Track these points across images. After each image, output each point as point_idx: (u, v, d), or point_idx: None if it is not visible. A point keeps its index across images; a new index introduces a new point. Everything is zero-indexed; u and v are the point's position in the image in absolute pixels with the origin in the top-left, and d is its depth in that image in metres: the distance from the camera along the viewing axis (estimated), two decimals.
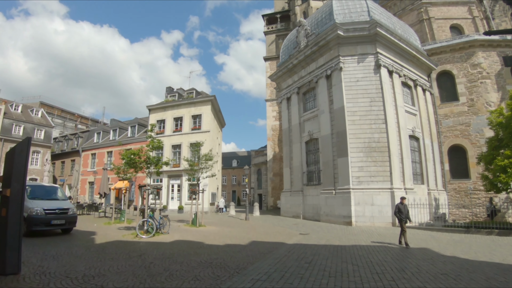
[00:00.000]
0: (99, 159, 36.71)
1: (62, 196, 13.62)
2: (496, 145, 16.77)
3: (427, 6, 32.32)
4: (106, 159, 35.52)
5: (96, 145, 38.24)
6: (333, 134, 19.77)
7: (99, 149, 37.66)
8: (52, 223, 11.57)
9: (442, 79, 25.39)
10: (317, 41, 21.25)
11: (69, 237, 11.56)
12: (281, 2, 45.10)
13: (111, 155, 35.61)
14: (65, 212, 12.18)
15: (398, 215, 10.99)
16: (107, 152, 36.56)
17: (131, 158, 15.95)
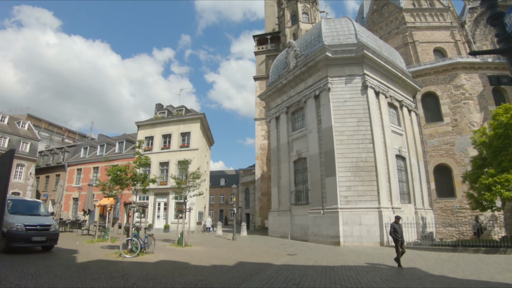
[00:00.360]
0: (85, 175, 35.93)
1: (44, 212, 13.16)
2: (480, 164, 17.16)
3: (412, 30, 33.57)
4: (92, 175, 34.80)
5: (83, 160, 37.51)
6: (321, 154, 19.90)
7: (85, 164, 36.91)
8: (32, 239, 11.12)
9: (426, 100, 26.11)
10: (306, 62, 21.69)
11: (49, 255, 11.13)
12: (272, 23, 46.21)
13: (97, 171, 34.89)
14: (47, 229, 11.73)
15: (394, 235, 10.58)
16: (93, 168, 35.83)
17: (117, 175, 15.68)
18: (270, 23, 46.54)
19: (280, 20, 43.42)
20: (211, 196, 60.00)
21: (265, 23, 47.17)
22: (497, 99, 24.40)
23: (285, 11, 41.07)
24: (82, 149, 38.97)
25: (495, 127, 15.92)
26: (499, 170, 15.24)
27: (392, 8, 36.29)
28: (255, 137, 38.66)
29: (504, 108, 16.06)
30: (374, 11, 38.90)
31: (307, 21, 39.32)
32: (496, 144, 15.78)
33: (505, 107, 16.15)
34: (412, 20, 34.50)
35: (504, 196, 14.50)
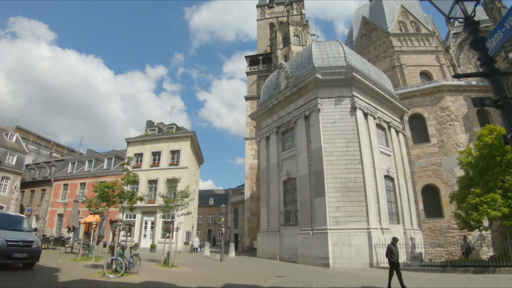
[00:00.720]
0: (71, 191, 35.17)
1: (27, 227, 12.72)
2: (467, 184, 17.45)
3: (399, 54, 34.67)
4: (78, 191, 34.11)
5: (70, 175, 36.78)
6: (310, 174, 19.96)
7: (72, 179, 36.18)
8: (13, 256, 10.67)
9: (414, 121, 26.69)
10: (296, 83, 22.07)
11: (30, 273, 10.75)
12: (264, 45, 47.18)
13: (84, 187, 34.26)
14: (29, 245, 11.29)
15: (390, 257, 10.31)
16: (80, 184, 35.17)
17: (104, 191, 15.40)
18: (262, 44, 47.51)
19: (272, 42, 44.40)
20: (199, 215, 59.16)
21: (258, 44, 48.13)
22: (482, 120, 25.16)
23: (277, 33, 42.07)
24: (70, 164, 38.32)
25: (480, 147, 16.31)
26: (486, 190, 15.50)
27: (380, 33, 37.54)
28: (245, 156, 38.66)
29: (488, 129, 16.53)
30: (362, 35, 40.17)
31: (298, 44, 40.29)
32: (482, 164, 16.12)
33: (489, 128, 16.63)
34: (399, 44, 35.68)
35: (491, 215, 14.67)
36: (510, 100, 3.55)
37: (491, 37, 3.79)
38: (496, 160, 15.30)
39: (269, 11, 50.53)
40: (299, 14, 47.72)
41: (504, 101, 3.56)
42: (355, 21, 43.59)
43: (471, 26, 3.90)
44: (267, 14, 50.31)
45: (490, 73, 3.72)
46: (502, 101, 3.57)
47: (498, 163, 15.26)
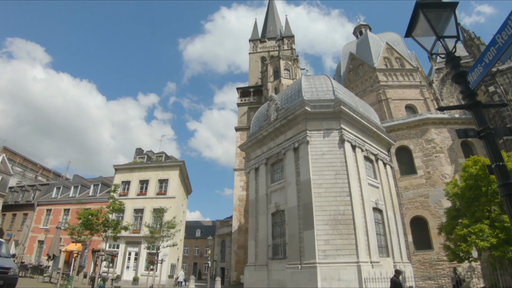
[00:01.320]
0: (54, 216, 34.19)
1: (5, 253, 12.17)
2: (454, 215, 17.68)
3: (385, 88, 36.02)
4: (62, 217, 33.22)
5: (54, 200, 35.85)
6: (299, 206, 19.90)
7: (56, 205, 35.26)
8: None
9: (400, 153, 27.34)
10: (286, 115, 22.60)
11: None
12: (255, 77, 48.50)
13: (68, 213, 33.42)
14: (5, 272, 10.78)
15: None
16: (64, 210, 34.29)
17: (88, 219, 15.19)
18: (254, 76, 48.85)
19: (263, 75, 45.74)
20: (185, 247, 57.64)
21: (249, 77, 49.44)
22: (466, 152, 25.96)
23: (268, 66, 43.47)
24: (55, 189, 37.49)
25: (466, 178, 16.70)
26: (473, 221, 15.73)
27: (367, 68, 39.15)
28: (234, 187, 38.25)
29: (473, 160, 17.04)
30: (350, 70, 41.80)
31: (288, 77, 41.57)
32: (468, 195, 16.44)
33: (474, 159, 17.15)
34: (385, 79, 37.15)
35: (479, 246, 14.79)
36: (493, 131, 3.69)
37: (472, 72, 4.00)
38: (482, 190, 15.66)
39: (261, 45, 52.43)
40: (289, 49, 49.60)
41: (487, 132, 3.70)
42: (343, 57, 45.46)
43: (452, 61, 4.09)
44: (259, 48, 52.14)
45: (472, 105, 3.88)
46: (485, 132, 3.71)
47: (484, 194, 15.61)
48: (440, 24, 4.02)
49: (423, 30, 4.18)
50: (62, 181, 44.02)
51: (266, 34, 55.01)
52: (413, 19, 4.22)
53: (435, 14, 4.03)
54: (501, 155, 3.57)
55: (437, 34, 3.99)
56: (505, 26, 3.29)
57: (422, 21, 4.09)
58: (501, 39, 3.37)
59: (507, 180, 3.37)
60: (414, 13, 4.16)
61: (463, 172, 17.46)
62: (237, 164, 39.16)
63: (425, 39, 4.28)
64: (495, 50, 3.50)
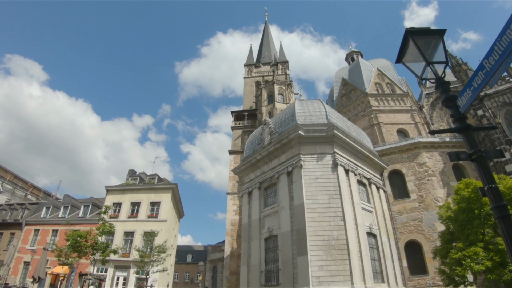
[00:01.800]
0: (42, 237, 33.15)
1: None
2: (448, 239, 17.61)
3: (377, 113, 36.71)
4: (49, 238, 32.23)
5: (43, 220, 34.90)
6: (293, 231, 19.64)
7: (44, 225, 34.32)
8: None
9: (393, 177, 27.50)
10: (280, 139, 22.73)
11: None
12: (250, 101, 49.21)
13: (56, 234, 32.55)
14: None
15: None
16: (52, 230, 33.38)
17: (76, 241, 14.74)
18: (248, 100, 49.52)
19: (257, 99, 46.41)
20: (175, 273, 55.87)
21: (244, 101, 50.12)
22: (457, 175, 26.27)
23: (263, 91, 44.21)
24: (44, 208, 36.59)
25: (459, 201, 16.81)
26: (467, 244, 15.68)
27: (359, 93, 40.04)
28: (227, 211, 37.71)
29: (464, 183, 17.20)
30: (342, 95, 42.69)
31: (282, 102, 42.24)
32: (462, 218, 16.48)
33: (466, 182, 17.33)
34: (377, 104, 37.94)
35: (474, 269, 14.64)
36: (484, 154, 3.78)
37: (461, 96, 4.16)
38: (475, 213, 15.72)
39: (255, 70, 53.59)
40: (283, 74, 50.79)
41: (478, 154, 3.79)
42: (336, 82, 46.54)
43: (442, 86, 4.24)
44: (253, 73, 53.27)
45: (462, 128, 3.99)
46: (476, 155, 3.80)
47: (477, 216, 15.66)
48: (429, 51, 4.20)
49: (413, 56, 4.35)
50: (52, 200, 43.08)
51: (261, 59, 56.37)
52: (403, 46, 4.39)
53: (424, 41, 4.22)
54: (493, 177, 3.63)
55: (426, 60, 4.16)
56: (492, 52, 3.45)
57: (412, 47, 4.27)
58: (488, 64, 3.53)
59: (500, 202, 3.41)
60: (404, 40, 4.34)
61: (455, 195, 17.60)
62: (230, 188, 38.83)
63: (415, 65, 4.45)
64: (483, 75, 3.66)
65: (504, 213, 3.34)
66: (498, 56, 3.32)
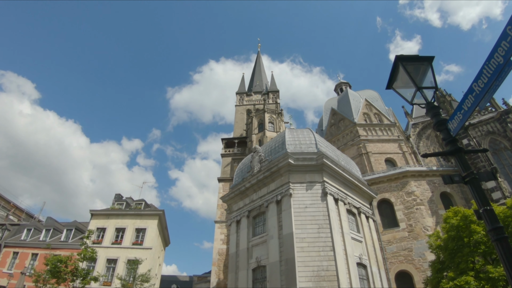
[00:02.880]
0: (21, 260, 31.44)
1: None
2: (439, 268, 17.40)
3: (365, 142, 37.27)
4: (28, 262, 30.62)
5: (23, 243, 33.25)
6: (281, 262, 19.18)
7: (24, 248, 32.66)
8: None
9: (382, 206, 27.49)
10: (269, 167, 22.70)
11: None
12: (240, 129, 49.62)
13: (36, 259, 30.99)
14: None
15: None
16: (32, 254, 31.77)
17: (56, 265, 13.93)
18: (239, 128, 49.88)
19: (248, 127, 46.81)
20: None
21: (234, 128, 50.49)
22: (445, 203, 26.54)
23: (253, 119, 44.73)
24: (25, 230, 34.95)
25: (448, 230, 16.83)
26: (458, 273, 15.53)
27: (347, 123, 40.80)
28: (214, 240, 36.58)
29: (453, 211, 17.32)
30: (332, 124, 43.43)
31: (272, 130, 42.75)
32: (451, 247, 16.43)
33: (454, 210, 17.45)
34: (365, 134, 38.60)
35: None
36: (477, 176, 3.78)
37: (452, 119, 4.22)
38: (464, 241, 15.71)
39: (247, 98, 54.53)
40: (274, 103, 51.76)
41: (471, 176, 3.78)
42: (325, 112, 47.45)
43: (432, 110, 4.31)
44: (245, 101, 54.14)
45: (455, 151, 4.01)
46: (470, 177, 3.78)
47: (467, 244, 15.66)
48: (418, 76, 4.32)
49: (403, 82, 4.46)
50: (34, 222, 41.34)
51: (253, 88, 57.54)
52: (393, 72, 4.51)
53: (414, 67, 4.36)
54: (487, 200, 3.63)
55: (416, 86, 4.27)
56: (480, 75, 3.56)
57: (402, 73, 4.38)
58: (478, 87, 3.63)
59: (496, 224, 3.38)
60: (394, 66, 4.47)
61: (444, 224, 17.69)
62: (218, 216, 38.02)
63: (405, 91, 4.54)
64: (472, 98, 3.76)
65: (500, 235, 3.31)
66: (487, 79, 3.44)
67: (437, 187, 27.65)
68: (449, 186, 27.96)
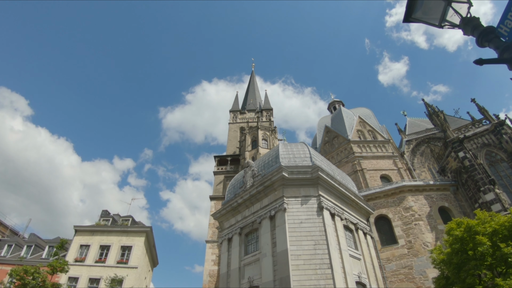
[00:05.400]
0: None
1: None
2: (443, 284, 16.71)
3: (360, 159, 36.93)
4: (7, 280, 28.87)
5: (2, 259, 31.41)
6: (275, 281, 17.86)
7: (3, 264, 30.66)
8: None
9: (380, 222, 26.74)
10: (263, 181, 21.95)
11: None
12: (233, 147, 49.10)
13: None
14: None
15: None
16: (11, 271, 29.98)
17: (21, 277, 12.75)
18: (232, 145, 49.36)
19: (241, 144, 46.30)
20: None
21: (227, 146, 49.95)
22: (444, 218, 25.83)
23: (247, 136, 44.31)
24: (6, 246, 33.13)
25: (451, 242, 16.23)
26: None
27: (341, 140, 40.61)
28: (205, 261, 34.60)
29: (456, 223, 16.74)
30: (326, 142, 43.20)
31: (266, 147, 42.26)
32: (456, 260, 15.75)
33: (457, 221, 16.93)
34: (359, 151, 38.35)
35: None
36: None
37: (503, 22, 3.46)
38: (469, 254, 15.04)
39: (240, 116, 54.34)
40: (268, 121, 51.61)
41: None
42: (319, 130, 47.36)
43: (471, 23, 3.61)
44: (238, 119, 53.93)
45: None
46: None
47: (472, 257, 14.99)
48: None
49: (425, 8, 3.85)
50: (16, 238, 39.44)
51: (246, 106, 57.53)
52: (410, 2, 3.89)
53: None
54: None
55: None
56: None
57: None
58: None
59: None
60: None
61: (447, 236, 17.12)
62: (209, 236, 36.49)
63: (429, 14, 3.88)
64: None
65: None
66: None
67: (435, 202, 27.08)
68: (447, 200, 27.45)
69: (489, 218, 15.92)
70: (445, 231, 17.47)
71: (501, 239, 15.05)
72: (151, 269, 35.37)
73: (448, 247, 16.57)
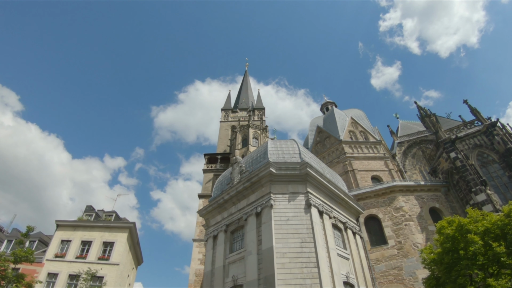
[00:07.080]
0: None
1: None
2: (434, 284, 16.29)
3: (351, 159, 36.51)
4: None
5: None
6: (260, 280, 17.10)
7: None
8: None
9: (369, 223, 26.23)
10: (250, 177, 21.27)
11: None
12: (224, 145, 48.59)
13: None
14: None
15: None
16: None
17: None
18: (222, 144, 48.69)
19: (232, 142, 45.66)
20: None
21: (218, 144, 49.32)
22: (435, 219, 25.41)
23: (238, 134, 43.64)
24: None
25: (442, 241, 15.89)
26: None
27: (333, 140, 40.19)
28: (191, 260, 33.47)
29: (447, 221, 16.40)
30: (317, 142, 42.74)
31: (256, 145, 41.74)
32: (447, 260, 15.34)
33: (448, 220, 16.68)
34: (351, 151, 37.95)
35: None
36: None
37: None
38: (460, 253, 14.63)
39: (232, 115, 53.76)
40: (259, 120, 50.99)
41: None
42: (311, 130, 46.86)
43: None
44: (230, 117, 53.34)
45: None
46: None
47: (464, 257, 14.57)
48: None
49: None
50: None
51: (239, 105, 57.00)
52: None
53: None
54: None
55: None
56: None
57: None
58: None
59: None
60: None
61: (438, 235, 16.78)
62: (197, 234, 35.46)
63: None
64: None
65: None
66: None
67: (425, 202, 26.64)
68: (438, 201, 27.04)
69: (481, 217, 15.52)
70: (436, 229, 17.05)
71: (493, 238, 14.60)
72: (135, 267, 34.28)
73: (439, 247, 16.16)
